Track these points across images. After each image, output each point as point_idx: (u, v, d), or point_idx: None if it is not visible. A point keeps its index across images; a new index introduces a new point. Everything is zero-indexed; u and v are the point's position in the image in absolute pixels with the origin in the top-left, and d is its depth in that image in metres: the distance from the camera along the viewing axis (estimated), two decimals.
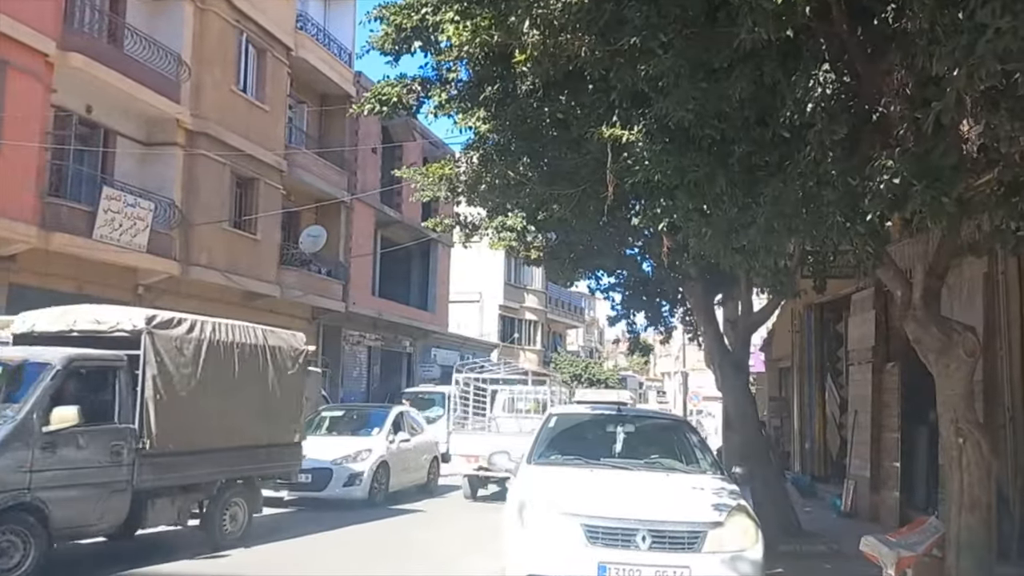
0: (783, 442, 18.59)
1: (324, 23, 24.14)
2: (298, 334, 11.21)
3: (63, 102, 14.90)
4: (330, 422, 14.45)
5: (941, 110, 4.09)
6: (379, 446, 13.30)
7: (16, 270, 14.17)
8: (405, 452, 14.11)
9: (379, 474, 13.01)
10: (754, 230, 5.43)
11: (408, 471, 14.21)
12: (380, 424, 13.97)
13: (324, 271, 23.77)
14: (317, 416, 14.23)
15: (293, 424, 10.51)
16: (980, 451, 5.79)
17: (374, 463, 12.89)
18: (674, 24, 4.88)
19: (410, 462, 14.36)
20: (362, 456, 12.80)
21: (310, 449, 11.91)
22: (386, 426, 13.85)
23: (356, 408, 16.21)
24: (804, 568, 8.62)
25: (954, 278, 8.75)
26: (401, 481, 13.87)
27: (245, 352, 9.56)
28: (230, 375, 9.29)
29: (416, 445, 14.71)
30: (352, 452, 12.80)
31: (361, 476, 12.59)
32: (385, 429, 13.76)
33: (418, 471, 14.83)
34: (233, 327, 9.56)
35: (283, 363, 10.24)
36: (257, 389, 9.73)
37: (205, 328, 9.03)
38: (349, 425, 14.45)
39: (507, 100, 7.11)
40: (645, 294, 13.30)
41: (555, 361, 47.56)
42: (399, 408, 15.31)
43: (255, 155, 19.57)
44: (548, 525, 5.73)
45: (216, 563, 8.54)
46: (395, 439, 13.78)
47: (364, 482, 12.60)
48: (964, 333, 5.89)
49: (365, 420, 14.58)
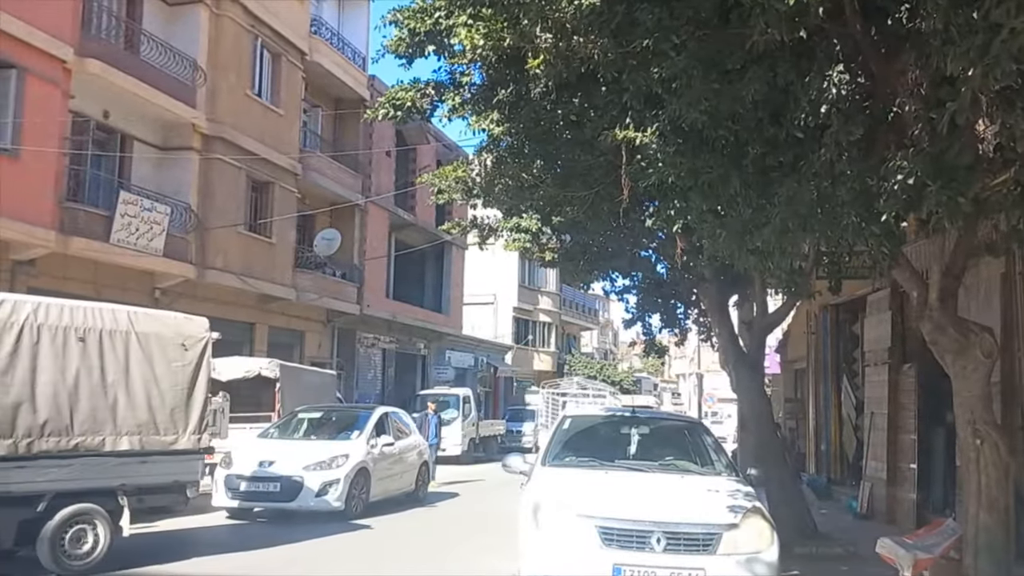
0: (799, 444, 18.50)
1: (338, 27, 24.26)
2: (196, 318, 9.50)
3: (81, 108, 15.04)
4: (307, 425, 13.34)
5: (956, 110, 4.08)
6: (358, 451, 12.12)
7: (35, 274, 14.31)
8: (389, 457, 12.98)
9: (357, 482, 11.80)
10: (769, 231, 5.42)
11: (392, 478, 13.11)
12: (361, 427, 12.77)
13: (339, 274, 23.86)
14: (293, 418, 13.38)
15: (184, 427, 8.74)
16: (998, 452, 5.75)
17: (351, 470, 11.67)
18: (687, 26, 4.88)
19: (395, 468, 13.23)
20: (338, 462, 11.63)
21: (279, 455, 11.50)
22: (367, 429, 12.66)
23: (335, 409, 14.82)
24: (820, 570, 8.58)
25: (971, 278, 8.69)
26: (385, 489, 12.77)
27: (96, 339, 8.05)
28: (68, 365, 7.78)
29: (402, 449, 13.63)
30: (326, 458, 11.64)
31: (336, 484, 11.37)
32: (366, 432, 12.59)
33: (404, 478, 13.69)
34: (76, 309, 8.07)
35: (165, 352, 8.66)
36: (118, 383, 8.20)
37: (23, 309, 7.55)
38: (327, 428, 13.35)
39: (520, 102, 7.12)
40: (659, 296, 13.28)
41: (569, 363, 47.54)
42: (383, 409, 14.15)
43: (270, 159, 19.68)
44: (563, 527, 5.73)
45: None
46: (377, 443, 12.62)
47: (339, 491, 11.38)
48: (981, 334, 5.86)
49: (345, 422, 13.41)
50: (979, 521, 5.79)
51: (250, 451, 11.76)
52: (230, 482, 11.38)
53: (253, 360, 16.40)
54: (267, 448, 12.01)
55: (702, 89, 4.94)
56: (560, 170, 8.29)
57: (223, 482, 11.40)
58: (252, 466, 11.42)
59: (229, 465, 11.50)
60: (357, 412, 13.80)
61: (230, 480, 11.39)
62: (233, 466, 11.49)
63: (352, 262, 24.67)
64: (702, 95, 4.95)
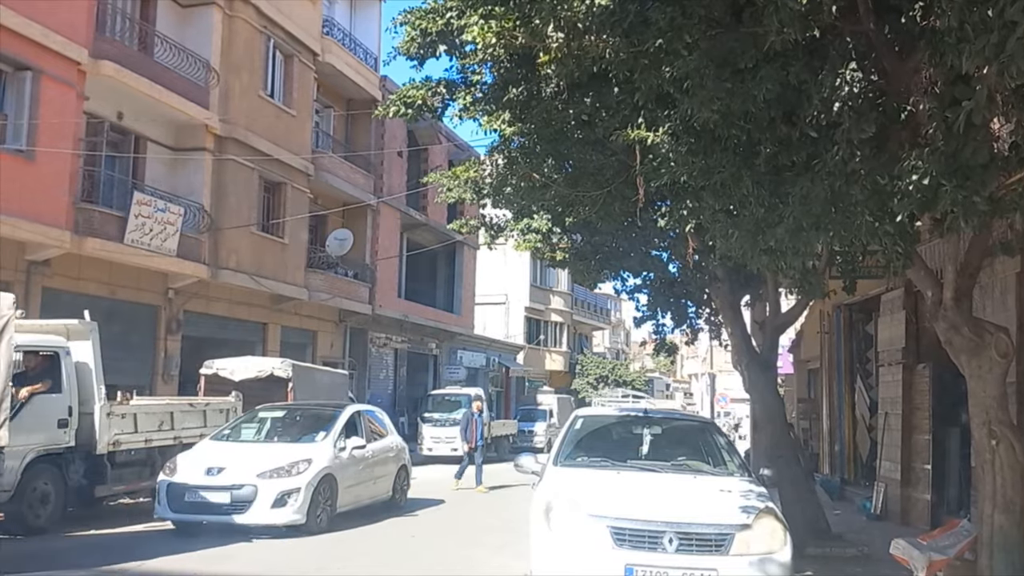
0: (812, 444, 18.42)
1: (350, 28, 24.33)
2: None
3: (95, 109, 15.15)
4: (268, 425, 11.79)
5: (972, 108, 4.05)
6: (323, 455, 10.62)
7: (50, 274, 14.43)
8: (360, 461, 11.44)
9: (322, 491, 10.29)
10: (782, 230, 5.40)
11: (364, 484, 11.58)
12: (328, 427, 11.26)
13: (351, 274, 23.93)
14: (253, 418, 11.98)
15: None
16: (1014, 453, 5.71)
17: (315, 477, 10.16)
18: (699, 25, 4.87)
19: (367, 474, 11.73)
20: (299, 468, 10.10)
21: (230, 461, 10.14)
22: (334, 430, 11.17)
23: (300, 408, 13.09)
24: (833, 571, 8.55)
25: (986, 278, 8.63)
26: (356, 497, 11.32)
27: None
28: None
29: (377, 452, 12.09)
30: (285, 464, 10.12)
31: (296, 494, 9.87)
32: (333, 433, 11.09)
33: (379, 484, 12.17)
34: None
35: None
36: None
37: None
38: (291, 428, 11.78)
39: (532, 102, 7.12)
40: (671, 295, 13.24)
41: (581, 363, 47.49)
42: (354, 407, 12.59)
43: (282, 159, 19.76)
44: (575, 527, 5.72)
45: None
46: (346, 446, 11.13)
47: (300, 501, 9.86)
48: (996, 334, 5.82)
49: (311, 423, 11.81)
50: (994, 522, 5.75)
51: (197, 456, 10.42)
52: (172, 492, 9.83)
53: (265, 360, 16.49)
54: (217, 452, 10.51)
55: (714, 88, 4.93)
56: (571, 170, 8.28)
57: (164, 492, 9.89)
58: (198, 473, 9.91)
59: (172, 472, 10.02)
60: (325, 411, 12.16)
61: (172, 490, 9.84)
62: (177, 473, 9.98)
63: (364, 262, 24.74)
64: (714, 94, 4.94)
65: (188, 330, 17.90)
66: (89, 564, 8.30)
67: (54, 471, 9.79)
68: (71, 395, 9.96)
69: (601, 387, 45.39)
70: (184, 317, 17.75)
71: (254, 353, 18.98)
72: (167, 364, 17.26)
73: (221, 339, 18.85)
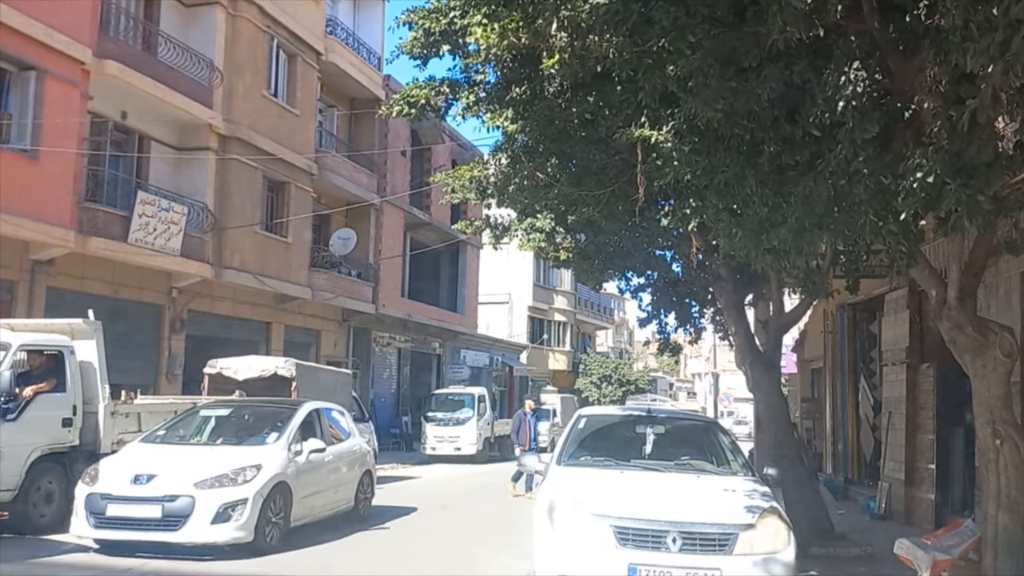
0: (815, 443, 18.40)
1: (353, 27, 24.35)
2: None
3: (99, 108, 15.18)
4: (213, 425, 10.35)
5: (976, 107, 4.04)
6: (275, 460, 9.11)
7: (54, 274, 14.46)
8: (320, 467, 9.99)
9: (274, 502, 8.81)
10: (785, 230, 5.40)
11: (323, 493, 10.14)
12: (281, 428, 9.79)
13: (354, 273, 23.95)
14: (194, 417, 10.45)
15: None
16: (1018, 453, 5.71)
17: (264, 485, 8.65)
18: (703, 24, 4.86)
19: (327, 481, 10.26)
20: (245, 476, 8.60)
21: (164, 467, 8.61)
22: (288, 431, 9.69)
23: (250, 405, 11.55)
24: (837, 571, 8.54)
25: (990, 277, 8.62)
26: (313, 508, 9.88)
27: None
28: None
29: (338, 456, 10.69)
30: (229, 470, 8.60)
31: (241, 507, 8.37)
32: (286, 435, 9.61)
33: (340, 492, 10.70)
34: None
35: None
36: None
37: None
38: (238, 429, 10.30)
39: (535, 101, 7.12)
40: (675, 295, 13.22)
41: (584, 362, 47.48)
42: (312, 405, 10.89)
43: (286, 159, 19.78)
44: (578, 526, 5.73)
45: None
46: (303, 449, 9.62)
47: (246, 515, 8.36)
48: (1001, 333, 5.82)
49: (262, 422, 10.33)
50: (998, 522, 5.75)
51: (124, 461, 8.90)
52: (93, 504, 8.33)
53: (269, 359, 16.49)
54: (148, 457, 9.00)
55: (718, 87, 4.92)
56: (575, 169, 8.28)
57: (83, 504, 8.40)
58: (123, 482, 8.41)
59: (93, 480, 8.52)
60: (279, 409, 10.68)
61: (93, 502, 8.35)
62: (98, 482, 8.48)
63: (367, 261, 24.76)
64: (718, 93, 4.93)
65: (192, 329, 17.93)
66: None
67: (58, 470, 9.78)
68: (75, 394, 9.96)
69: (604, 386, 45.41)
70: (188, 316, 17.78)
71: (258, 352, 19.01)
72: (171, 363, 17.29)
73: (225, 338, 18.86)
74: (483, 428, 24.44)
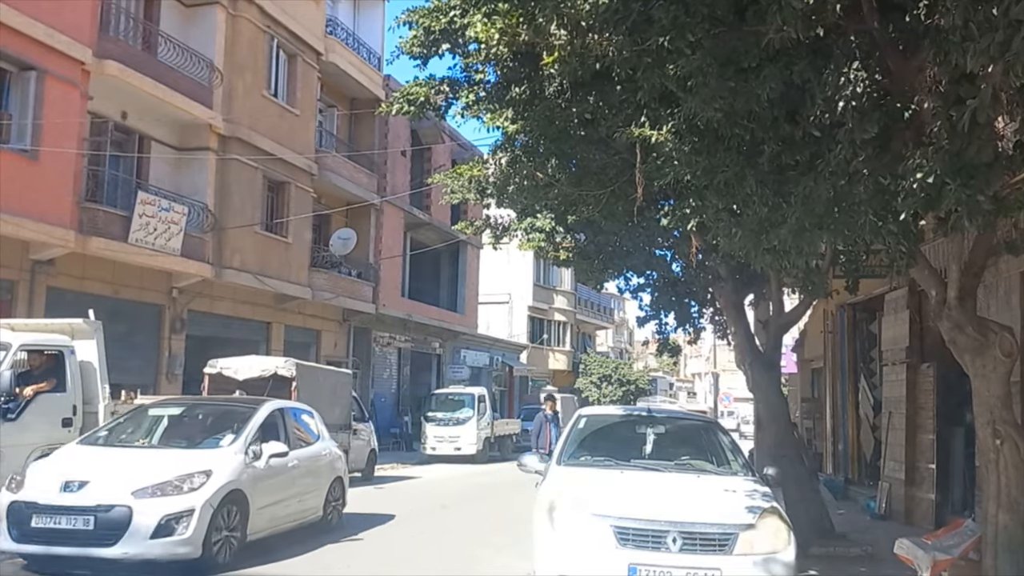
0: (816, 443, 18.40)
1: (353, 27, 24.35)
2: None
3: (99, 108, 15.18)
4: (164, 426, 9.30)
5: (976, 107, 4.04)
6: (228, 465, 8.07)
7: (54, 274, 14.47)
8: (281, 473, 8.92)
9: (225, 512, 7.78)
10: (785, 230, 5.40)
11: (286, 502, 9.06)
12: (238, 429, 8.69)
13: (354, 273, 23.96)
14: (141, 416, 9.40)
15: None
16: (1018, 452, 5.71)
17: (215, 494, 7.62)
18: (702, 23, 4.85)
19: (291, 489, 9.18)
20: (192, 483, 7.55)
21: (98, 472, 7.54)
22: (246, 432, 8.62)
23: (206, 404, 10.59)
24: (837, 571, 8.54)
25: (990, 277, 8.62)
26: (274, 520, 8.81)
27: None
28: None
29: (304, 461, 9.60)
30: (173, 477, 7.52)
31: (186, 518, 7.32)
32: (244, 437, 8.53)
33: (307, 501, 9.63)
34: None
35: None
36: None
37: None
38: (190, 430, 9.29)
39: (535, 101, 7.11)
40: (675, 294, 13.22)
41: (584, 362, 47.47)
42: (274, 404, 9.79)
43: (286, 159, 19.79)
44: (578, 526, 5.72)
45: None
46: (262, 453, 8.55)
47: (193, 528, 7.32)
48: (1001, 333, 5.82)
49: (217, 423, 9.26)
50: (999, 522, 5.75)
51: (55, 465, 7.84)
52: (16, 515, 7.29)
53: (269, 359, 16.48)
54: (83, 461, 7.90)
55: (718, 87, 4.92)
56: (574, 169, 8.27)
57: (4, 514, 7.36)
58: (52, 489, 7.35)
59: (18, 487, 7.47)
60: (238, 409, 9.60)
61: (16, 512, 7.30)
62: (23, 489, 7.43)
63: (367, 261, 24.77)
64: (718, 93, 4.93)
65: (192, 329, 17.94)
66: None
67: None
68: (75, 394, 9.96)
69: (604, 386, 45.40)
70: (188, 316, 17.79)
71: (258, 352, 19.01)
72: (171, 363, 17.30)
73: (225, 338, 18.87)
74: (483, 428, 24.44)
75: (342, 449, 16.22)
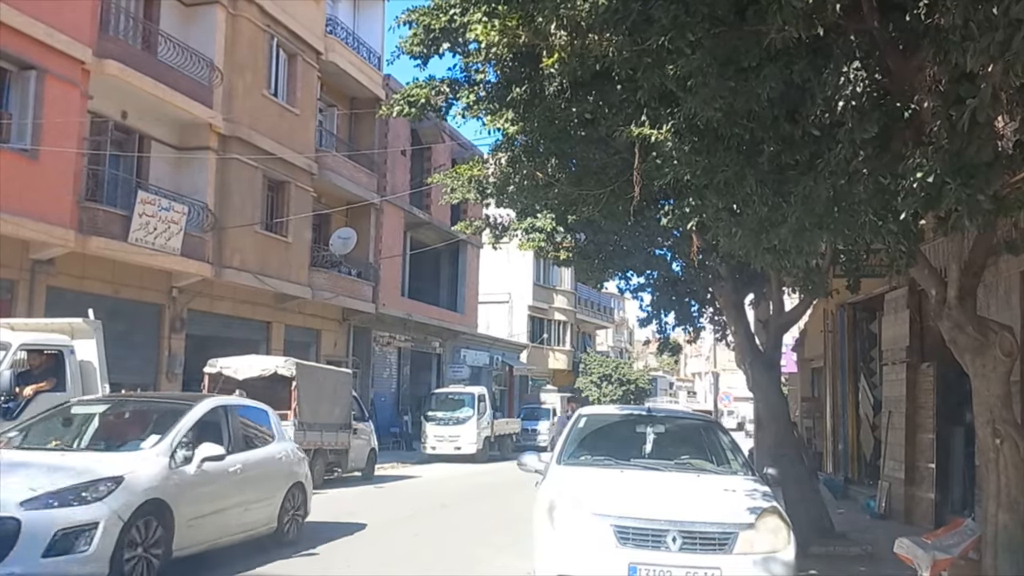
0: (815, 443, 18.41)
1: (353, 27, 24.36)
2: None
3: (99, 108, 15.18)
4: (84, 426, 8.07)
5: (976, 106, 4.04)
6: (146, 470, 6.94)
7: (54, 273, 14.47)
8: (219, 479, 7.74)
9: (141, 526, 6.64)
10: (785, 229, 5.40)
11: (226, 513, 7.88)
12: (165, 430, 7.51)
13: (354, 273, 23.96)
14: (62, 415, 8.24)
15: None
16: (1018, 452, 5.71)
17: (125, 505, 6.49)
18: (702, 23, 4.85)
19: (233, 497, 8.00)
20: (97, 491, 6.43)
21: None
22: (173, 434, 7.42)
23: (134, 402, 9.30)
24: (837, 570, 8.54)
25: (990, 276, 8.62)
26: (209, 533, 7.59)
27: None
28: None
29: (252, 466, 8.39)
30: (71, 484, 6.40)
31: (88, 533, 6.21)
32: (170, 439, 7.35)
33: (256, 512, 8.42)
34: None
35: None
36: None
37: None
38: (112, 432, 8.12)
39: (535, 101, 7.11)
40: (675, 294, 13.23)
41: (584, 361, 47.48)
42: (216, 400, 8.82)
43: (286, 158, 19.79)
44: (578, 525, 5.73)
45: None
46: (193, 456, 7.38)
47: (95, 544, 6.19)
48: (1001, 332, 5.82)
49: (145, 422, 8.06)
50: (999, 521, 5.75)
51: None
52: None
53: (269, 358, 16.51)
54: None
55: (718, 87, 4.91)
56: (575, 169, 8.27)
57: None
58: None
59: None
60: (171, 406, 8.45)
61: None
62: None
63: (367, 261, 24.78)
64: (718, 93, 4.92)
65: (192, 329, 17.94)
66: None
67: None
68: (75, 393, 9.92)
69: (604, 385, 45.41)
70: (188, 316, 17.79)
71: (258, 352, 19.02)
72: (171, 363, 17.31)
73: (225, 338, 18.88)
74: (483, 427, 24.46)
75: (342, 448, 16.60)
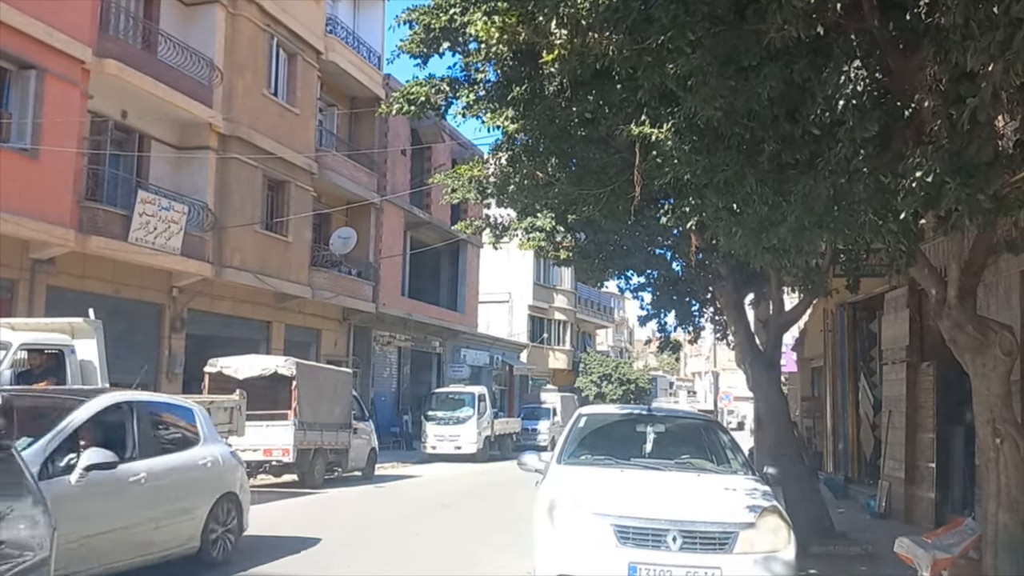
0: (816, 442, 18.41)
1: (353, 26, 24.35)
2: None
3: (99, 107, 15.18)
4: None
5: (976, 106, 4.03)
6: None
7: (54, 273, 14.46)
8: (113, 492, 6.57)
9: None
10: (785, 229, 5.39)
11: (126, 531, 6.71)
12: (43, 431, 6.25)
13: (354, 272, 23.96)
14: None
15: None
16: (1018, 451, 5.71)
17: None
18: (702, 22, 4.85)
19: (134, 513, 6.81)
20: None
21: None
22: (48, 438, 6.20)
23: (17, 397, 7.14)
24: (837, 569, 8.54)
25: (990, 276, 8.61)
26: (100, 555, 6.38)
27: None
28: None
29: (164, 473, 7.20)
30: None
31: None
32: (42, 443, 6.12)
33: (172, 528, 7.26)
34: None
35: None
36: None
37: None
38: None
39: (535, 100, 7.10)
40: (675, 293, 13.23)
41: (585, 361, 47.47)
42: (118, 396, 7.31)
43: (286, 158, 19.79)
44: (578, 525, 5.72)
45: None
46: (76, 464, 6.16)
47: None
48: (1001, 332, 5.82)
49: (30, 423, 6.37)
50: (999, 520, 5.75)
51: None
52: None
53: (269, 358, 16.51)
54: None
55: (718, 86, 4.91)
56: (575, 168, 8.27)
57: None
58: None
59: None
60: (57, 403, 6.91)
61: None
62: None
63: (368, 260, 24.78)
64: (718, 92, 4.92)
65: (192, 328, 17.94)
66: None
67: None
68: None
69: (604, 385, 45.40)
70: (188, 315, 17.79)
71: (258, 351, 19.03)
72: (171, 362, 17.30)
73: (225, 337, 18.88)
74: (483, 427, 24.46)
75: (342, 448, 16.57)
